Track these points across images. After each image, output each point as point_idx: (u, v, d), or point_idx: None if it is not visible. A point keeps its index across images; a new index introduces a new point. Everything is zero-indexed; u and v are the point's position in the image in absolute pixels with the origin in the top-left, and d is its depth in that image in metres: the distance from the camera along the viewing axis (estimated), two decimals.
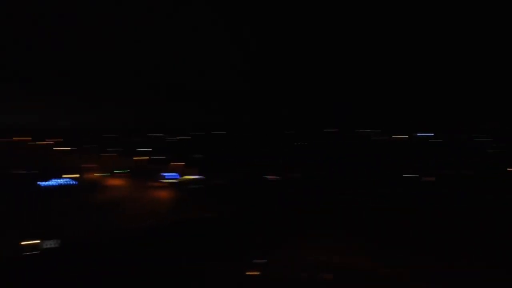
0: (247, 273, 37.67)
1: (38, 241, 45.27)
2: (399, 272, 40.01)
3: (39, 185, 79.74)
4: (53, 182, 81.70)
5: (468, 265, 41.16)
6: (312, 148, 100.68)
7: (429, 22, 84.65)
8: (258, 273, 37.72)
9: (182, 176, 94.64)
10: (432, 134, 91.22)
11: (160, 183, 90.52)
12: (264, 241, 45.60)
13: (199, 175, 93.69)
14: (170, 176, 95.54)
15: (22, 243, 44.32)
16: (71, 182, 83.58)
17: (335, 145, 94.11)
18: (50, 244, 45.73)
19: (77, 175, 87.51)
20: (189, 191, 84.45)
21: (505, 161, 76.96)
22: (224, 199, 72.39)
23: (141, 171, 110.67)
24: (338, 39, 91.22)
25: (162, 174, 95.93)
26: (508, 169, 77.09)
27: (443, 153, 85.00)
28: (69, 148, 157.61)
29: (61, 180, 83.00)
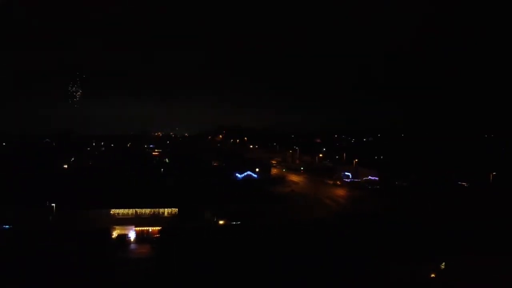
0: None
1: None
2: None
3: (236, 176, 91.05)
4: (243, 174, 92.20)
5: None
6: None
7: None
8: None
9: (357, 176, 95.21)
10: None
11: (338, 181, 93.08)
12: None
13: (375, 176, 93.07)
14: (346, 175, 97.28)
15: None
16: (254, 176, 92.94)
17: None
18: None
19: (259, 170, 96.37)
20: (367, 191, 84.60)
21: None
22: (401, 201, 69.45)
23: (319, 169, 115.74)
24: None
25: (342, 173, 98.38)
26: None
27: None
28: (256, 146, 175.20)
29: (247, 173, 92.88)
